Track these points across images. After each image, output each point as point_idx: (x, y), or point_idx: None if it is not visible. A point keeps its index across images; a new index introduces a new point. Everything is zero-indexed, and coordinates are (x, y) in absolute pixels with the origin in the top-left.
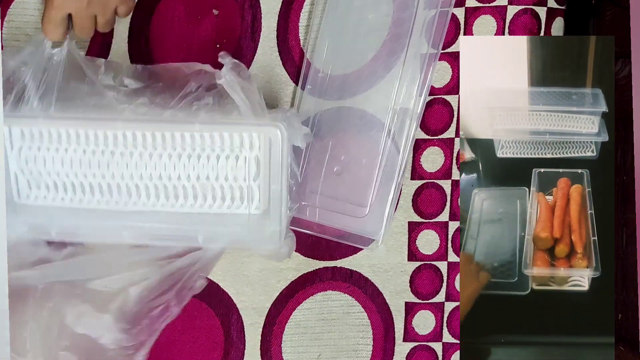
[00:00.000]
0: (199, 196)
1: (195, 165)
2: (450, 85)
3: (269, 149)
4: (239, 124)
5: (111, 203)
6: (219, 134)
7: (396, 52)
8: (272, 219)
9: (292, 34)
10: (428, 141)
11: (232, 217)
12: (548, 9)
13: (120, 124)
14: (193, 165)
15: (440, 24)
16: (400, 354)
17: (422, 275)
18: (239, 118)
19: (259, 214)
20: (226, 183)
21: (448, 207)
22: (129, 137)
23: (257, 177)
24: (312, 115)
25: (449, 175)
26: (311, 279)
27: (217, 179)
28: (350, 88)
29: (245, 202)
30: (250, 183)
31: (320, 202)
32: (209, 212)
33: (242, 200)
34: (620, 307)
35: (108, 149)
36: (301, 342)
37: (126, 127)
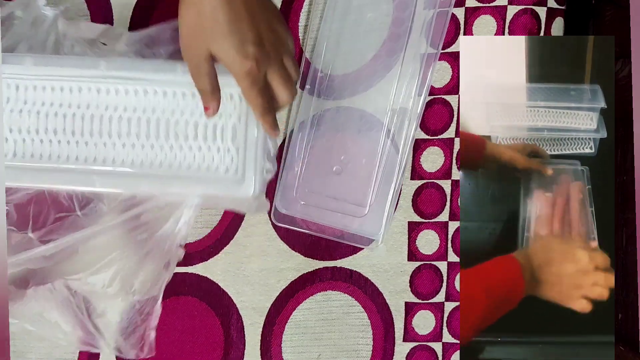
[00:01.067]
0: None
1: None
2: (450, 85)
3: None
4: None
5: (87, 160)
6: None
7: (396, 52)
8: (248, 164)
9: (292, 34)
10: (428, 141)
11: (206, 170)
12: (548, 9)
13: (97, 78)
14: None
15: (439, 24)
16: (400, 354)
17: (422, 275)
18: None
19: (234, 154)
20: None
21: (448, 207)
22: (112, 91)
23: (232, 117)
24: (312, 115)
25: (448, 175)
26: (311, 279)
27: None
28: (350, 88)
29: (220, 143)
30: (226, 122)
31: (319, 201)
32: (183, 163)
33: (215, 140)
34: (620, 307)
35: (84, 105)
36: (301, 342)
37: (104, 80)
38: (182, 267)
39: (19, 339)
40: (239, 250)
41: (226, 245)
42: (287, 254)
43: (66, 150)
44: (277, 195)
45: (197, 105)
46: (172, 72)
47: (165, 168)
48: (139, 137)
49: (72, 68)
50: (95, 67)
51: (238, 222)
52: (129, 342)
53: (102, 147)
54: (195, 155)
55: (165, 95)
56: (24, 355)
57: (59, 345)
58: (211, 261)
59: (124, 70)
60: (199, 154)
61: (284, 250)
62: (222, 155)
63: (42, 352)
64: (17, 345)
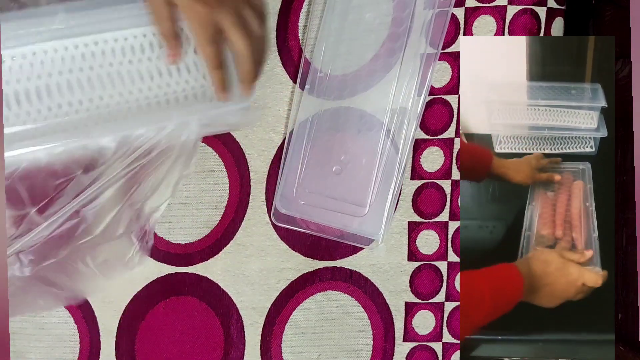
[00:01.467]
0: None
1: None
2: (450, 85)
3: None
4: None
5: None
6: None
7: (395, 52)
8: (231, 77)
9: (292, 34)
10: (428, 141)
11: (194, 98)
12: (548, 9)
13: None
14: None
15: (439, 24)
16: (400, 353)
17: (422, 275)
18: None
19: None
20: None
21: (448, 207)
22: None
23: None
24: (312, 115)
25: (448, 175)
26: (311, 279)
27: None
28: (350, 88)
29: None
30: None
31: (319, 201)
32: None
33: (197, 69)
34: (620, 307)
35: (55, 72)
36: (301, 342)
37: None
38: (182, 267)
39: (18, 339)
40: (239, 250)
41: (226, 245)
42: (287, 254)
43: (57, 116)
44: (277, 195)
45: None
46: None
47: (154, 107)
48: (124, 85)
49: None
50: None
51: (238, 222)
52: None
53: (89, 108)
54: (181, 87)
55: (136, 37)
56: (24, 356)
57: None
58: (211, 261)
59: (86, 23)
60: (183, 85)
61: (284, 250)
62: (206, 80)
63: (42, 352)
64: (17, 345)
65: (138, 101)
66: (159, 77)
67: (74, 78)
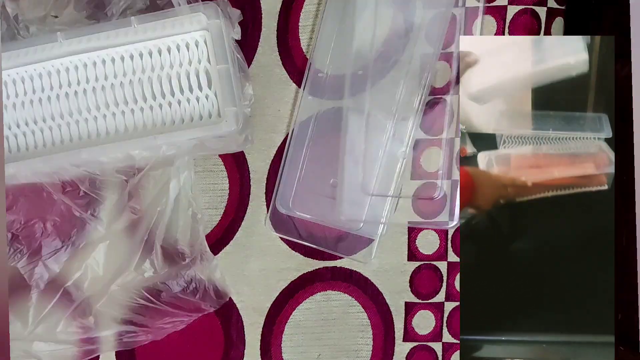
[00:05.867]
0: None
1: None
2: (450, 85)
3: (211, 36)
4: (174, 13)
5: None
6: (156, 30)
7: (396, 52)
8: (226, 100)
9: (292, 34)
10: (428, 141)
11: (190, 121)
12: (548, 9)
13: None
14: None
15: (440, 24)
16: (400, 353)
17: (422, 275)
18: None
19: (211, 99)
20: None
21: (448, 207)
22: (75, 67)
23: (202, 60)
24: (312, 115)
25: (449, 175)
26: (311, 279)
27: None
28: (351, 88)
29: (199, 92)
30: (197, 66)
31: (319, 202)
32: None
33: (192, 90)
34: (620, 307)
35: (47, 88)
36: (301, 342)
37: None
38: None
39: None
40: (239, 250)
41: (226, 245)
42: (287, 254)
43: (49, 136)
44: (276, 196)
45: (165, 59)
46: (130, 32)
47: (150, 128)
48: (117, 105)
49: (33, 52)
50: (53, 41)
51: (238, 222)
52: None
53: (80, 124)
54: (177, 109)
55: (132, 57)
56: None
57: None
58: None
59: (83, 41)
60: (180, 107)
61: (284, 250)
62: (202, 102)
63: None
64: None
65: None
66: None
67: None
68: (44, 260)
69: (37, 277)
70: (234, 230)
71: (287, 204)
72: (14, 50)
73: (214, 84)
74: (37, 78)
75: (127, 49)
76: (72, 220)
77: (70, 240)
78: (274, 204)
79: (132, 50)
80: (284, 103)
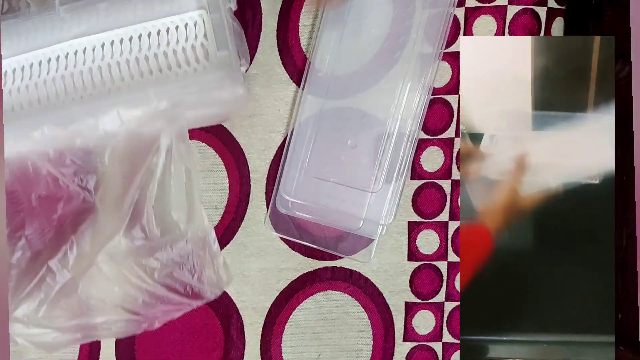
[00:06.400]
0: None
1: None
2: (450, 85)
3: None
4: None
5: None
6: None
7: (396, 52)
8: (221, 46)
9: (292, 33)
10: (428, 141)
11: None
12: (548, 9)
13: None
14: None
15: (439, 24)
16: (400, 353)
17: (422, 275)
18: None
19: (206, 45)
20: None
21: (448, 207)
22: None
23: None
24: (312, 115)
25: (448, 175)
26: (311, 279)
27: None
28: (350, 88)
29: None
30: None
31: (319, 201)
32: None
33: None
34: (620, 307)
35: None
36: (301, 342)
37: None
38: None
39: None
40: (239, 250)
41: (226, 245)
42: (287, 254)
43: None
44: (276, 196)
45: (172, 36)
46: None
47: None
48: (123, 79)
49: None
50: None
51: (238, 222)
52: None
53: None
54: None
55: (131, 39)
56: (24, 356)
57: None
58: None
59: (85, 22)
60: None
61: (284, 250)
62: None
63: (42, 352)
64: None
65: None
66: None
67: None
68: (27, 235)
69: (19, 255)
70: (234, 230)
71: (287, 204)
72: (14, 31)
73: (212, 59)
74: (37, 65)
75: (126, 30)
76: (58, 193)
77: (57, 214)
78: (274, 203)
79: (131, 32)
80: (284, 103)
